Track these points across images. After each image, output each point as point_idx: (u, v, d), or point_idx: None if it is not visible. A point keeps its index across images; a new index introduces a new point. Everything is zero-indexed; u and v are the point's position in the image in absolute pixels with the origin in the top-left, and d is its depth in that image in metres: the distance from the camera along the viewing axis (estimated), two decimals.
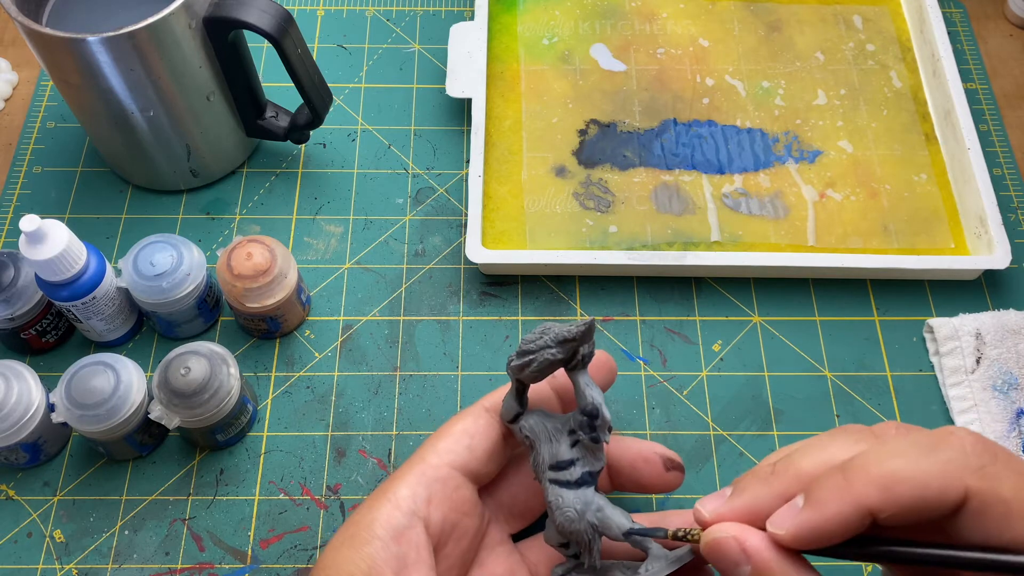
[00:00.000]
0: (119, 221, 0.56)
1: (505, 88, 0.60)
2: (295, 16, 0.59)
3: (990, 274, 0.54)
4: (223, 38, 0.49)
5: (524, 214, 0.55)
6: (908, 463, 0.26)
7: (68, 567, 0.45)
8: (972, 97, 0.61)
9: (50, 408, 0.44)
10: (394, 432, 0.49)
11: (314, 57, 0.57)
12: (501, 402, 0.39)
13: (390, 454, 0.48)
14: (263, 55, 0.63)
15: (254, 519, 0.46)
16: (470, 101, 0.60)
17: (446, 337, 0.52)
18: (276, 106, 0.56)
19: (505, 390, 0.39)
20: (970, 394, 0.49)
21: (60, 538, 0.46)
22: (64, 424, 0.44)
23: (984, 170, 0.54)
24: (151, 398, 0.44)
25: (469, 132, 0.59)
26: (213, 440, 0.47)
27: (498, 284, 0.54)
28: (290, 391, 0.50)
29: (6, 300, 0.47)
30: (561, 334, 0.35)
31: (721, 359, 0.51)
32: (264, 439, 0.49)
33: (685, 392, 0.50)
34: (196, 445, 0.48)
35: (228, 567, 0.45)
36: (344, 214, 0.56)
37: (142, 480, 0.47)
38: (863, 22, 0.63)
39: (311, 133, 0.56)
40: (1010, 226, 0.56)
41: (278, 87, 0.60)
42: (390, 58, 0.63)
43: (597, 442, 0.36)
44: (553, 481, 0.36)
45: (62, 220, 0.50)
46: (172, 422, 0.44)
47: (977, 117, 0.60)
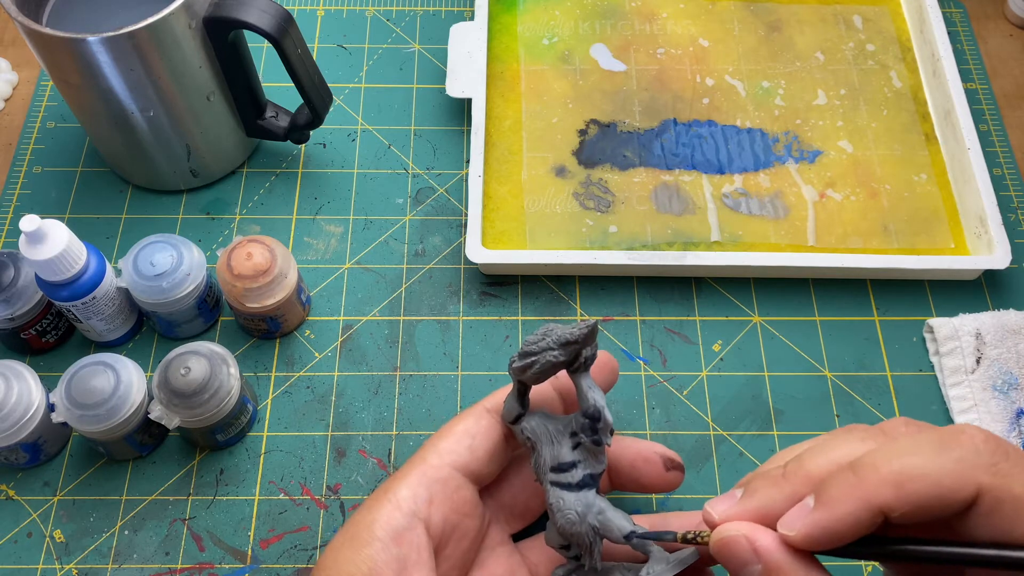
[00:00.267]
0: (119, 221, 0.56)
1: (505, 88, 0.60)
2: (295, 16, 0.59)
3: (990, 274, 0.54)
4: (223, 38, 0.49)
5: (524, 214, 0.55)
6: (920, 461, 0.26)
7: (68, 567, 0.45)
8: (972, 97, 0.61)
9: (50, 408, 0.44)
10: (394, 432, 0.49)
11: (314, 57, 0.57)
12: (502, 403, 0.39)
13: (390, 454, 0.48)
14: (263, 55, 0.63)
15: (254, 519, 0.46)
16: (470, 101, 0.60)
17: (446, 337, 0.52)
18: (276, 106, 0.56)
19: (506, 390, 0.39)
20: (970, 394, 0.49)
21: (60, 538, 0.46)
22: (64, 424, 0.44)
23: (984, 170, 0.54)
24: (151, 398, 0.44)
25: (469, 132, 0.59)
26: (213, 440, 0.47)
27: (498, 284, 0.54)
28: (290, 391, 0.50)
29: (6, 300, 0.47)
30: (563, 336, 0.34)
31: (721, 359, 0.51)
32: (264, 439, 0.49)
33: (685, 392, 0.50)
34: (196, 445, 0.48)
35: (228, 567, 0.45)
36: (344, 214, 0.56)
37: (142, 480, 0.47)
38: (863, 22, 0.64)
39: (311, 133, 0.56)
40: (1010, 226, 0.56)
41: (278, 87, 0.60)
42: (390, 58, 0.63)
43: (599, 444, 0.35)
44: (554, 483, 0.36)
45: (62, 220, 0.50)
46: (172, 422, 0.44)
47: (977, 117, 0.60)
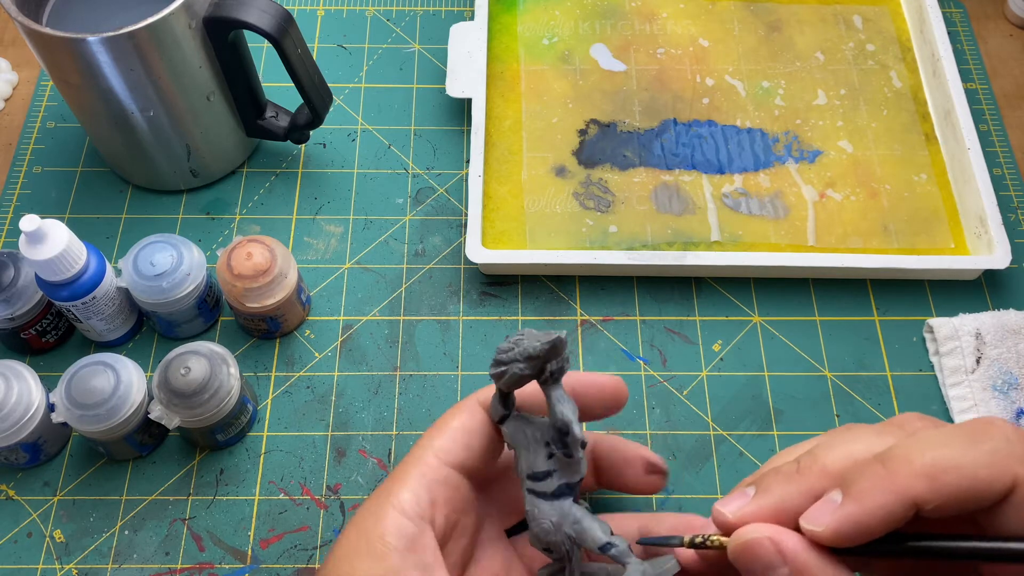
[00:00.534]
0: (119, 221, 0.56)
1: (505, 88, 0.60)
2: (295, 16, 0.59)
3: (990, 274, 0.54)
4: (223, 38, 0.49)
5: (524, 214, 0.55)
6: (954, 452, 0.25)
7: (68, 567, 0.45)
8: (972, 97, 0.61)
9: (50, 408, 0.44)
10: (394, 432, 0.49)
11: (314, 57, 0.57)
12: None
13: (390, 454, 0.48)
14: (263, 55, 0.63)
15: (254, 519, 0.46)
16: (470, 101, 0.60)
17: (446, 337, 0.52)
18: (276, 106, 0.56)
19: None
20: (970, 394, 0.49)
21: (60, 538, 0.46)
22: (64, 424, 0.44)
23: (984, 170, 0.54)
24: (151, 398, 0.44)
25: (469, 132, 0.59)
26: (213, 440, 0.47)
27: (498, 284, 0.54)
28: (290, 391, 0.50)
29: (6, 300, 0.47)
30: (527, 350, 0.33)
31: (721, 359, 0.51)
32: (264, 439, 0.49)
33: (685, 392, 0.50)
34: (196, 445, 0.48)
35: (228, 567, 0.45)
36: (344, 214, 0.56)
37: (142, 480, 0.47)
38: (863, 22, 0.64)
39: (311, 133, 0.56)
40: (1010, 226, 0.56)
41: (278, 87, 0.60)
42: (390, 58, 0.63)
43: (570, 457, 0.35)
44: (530, 491, 0.36)
45: (62, 220, 0.50)
46: (172, 422, 0.44)
47: (977, 117, 0.60)
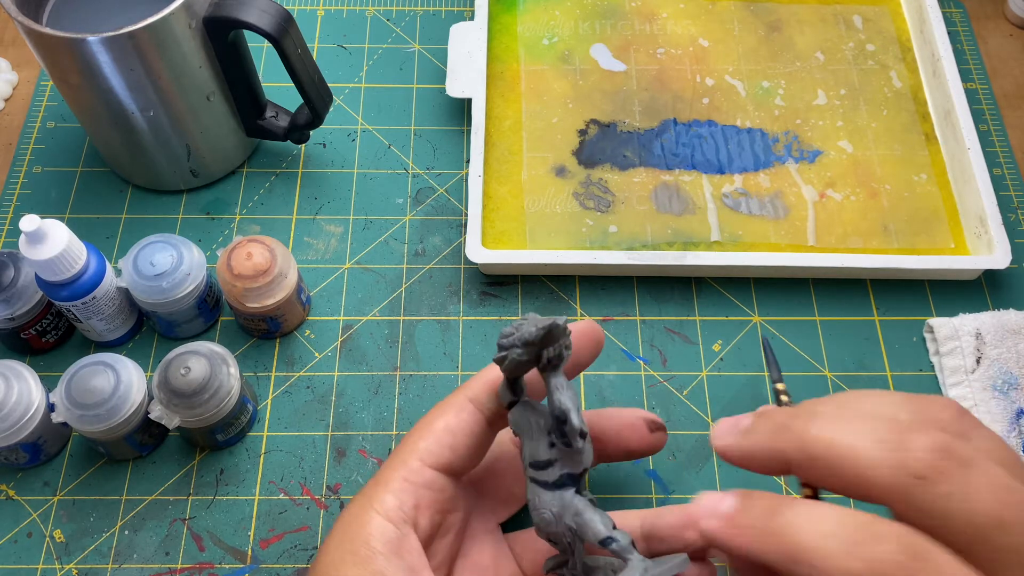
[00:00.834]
0: (119, 221, 0.56)
1: (505, 88, 0.60)
2: (295, 16, 0.59)
3: (990, 274, 0.54)
4: (223, 38, 0.49)
5: (524, 214, 0.55)
6: (844, 439, 0.26)
7: (68, 567, 0.45)
8: (972, 97, 0.61)
9: (50, 408, 0.44)
10: (394, 432, 0.49)
11: (314, 57, 0.57)
12: (484, 392, 0.38)
13: (390, 454, 0.48)
14: (263, 55, 0.63)
15: (254, 519, 0.46)
16: (470, 101, 0.60)
17: (446, 337, 0.52)
18: (276, 106, 0.56)
19: (486, 374, 0.38)
20: (970, 394, 0.49)
21: (60, 538, 0.46)
22: (64, 424, 0.44)
23: (984, 170, 0.54)
24: (151, 398, 0.44)
25: (469, 132, 0.59)
26: (213, 440, 0.47)
27: (498, 284, 0.54)
28: (290, 391, 0.50)
29: (6, 300, 0.47)
30: (524, 336, 0.33)
31: (721, 359, 0.51)
32: (264, 439, 0.49)
33: (685, 392, 0.50)
34: (196, 445, 0.48)
35: (228, 567, 0.45)
36: (344, 214, 0.56)
37: (142, 480, 0.47)
38: (863, 22, 0.64)
39: (311, 133, 0.56)
40: (1010, 226, 0.56)
41: (278, 87, 0.60)
42: (390, 58, 0.63)
43: (568, 446, 0.34)
44: (532, 479, 0.35)
45: (62, 220, 0.50)
46: (172, 422, 0.44)
47: (977, 117, 0.60)
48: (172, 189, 0.57)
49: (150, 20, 0.45)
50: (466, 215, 0.56)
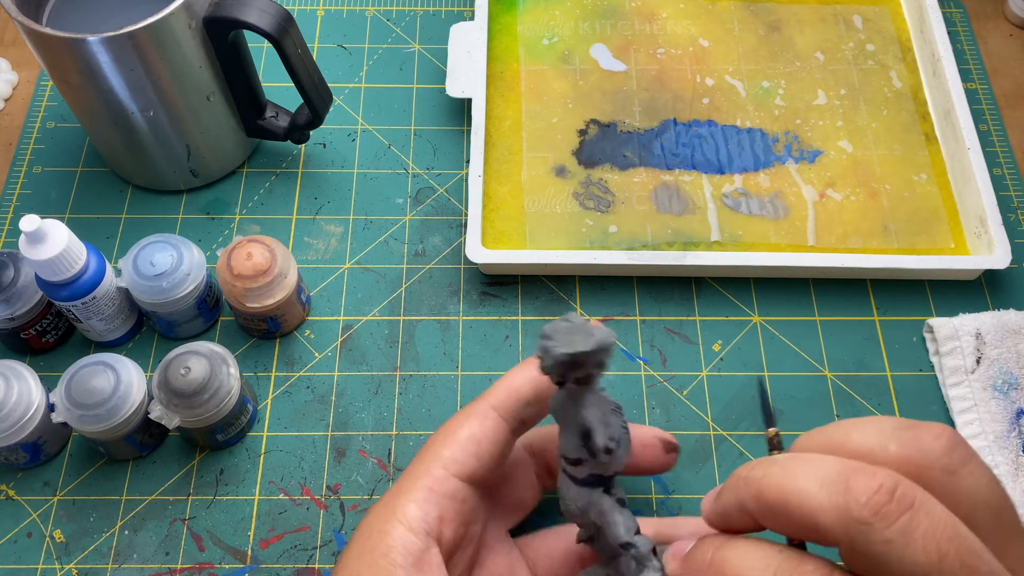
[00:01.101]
0: (119, 221, 0.56)
1: (505, 88, 0.60)
2: (295, 16, 0.59)
3: (990, 274, 0.54)
4: (223, 38, 0.49)
5: (524, 214, 0.55)
6: (799, 488, 0.26)
7: (68, 567, 0.45)
8: (972, 97, 0.61)
9: (50, 408, 0.44)
10: (394, 432, 0.49)
11: (314, 57, 0.57)
12: (508, 400, 0.37)
13: (390, 454, 0.48)
14: (263, 55, 0.63)
15: (254, 519, 0.46)
16: (470, 101, 0.60)
17: (446, 337, 0.52)
18: (276, 106, 0.56)
19: (510, 380, 0.38)
20: (970, 394, 0.49)
21: (60, 538, 0.46)
22: (64, 424, 0.44)
23: (984, 170, 0.54)
24: (151, 398, 0.44)
25: (469, 132, 0.59)
26: (213, 440, 0.47)
27: (498, 284, 0.54)
28: (290, 391, 0.50)
29: (6, 300, 0.47)
30: (555, 354, 0.32)
31: (721, 359, 0.51)
32: (264, 439, 0.49)
33: (685, 392, 0.50)
34: (196, 445, 0.48)
35: (228, 567, 0.45)
36: (344, 214, 0.56)
37: (142, 480, 0.47)
38: (863, 22, 0.64)
39: (311, 133, 0.56)
40: (1010, 226, 0.56)
41: (278, 87, 0.60)
42: (390, 58, 0.63)
43: (595, 457, 0.33)
44: (564, 470, 0.35)
45: (62, 220, 0.50)
46: (172, 422, 0.44)
47: (977, 117, 0.60)
48: (172, 189, 0.57)
49: (150, 20, 0.45)
50: (466, 215, 0.56)
